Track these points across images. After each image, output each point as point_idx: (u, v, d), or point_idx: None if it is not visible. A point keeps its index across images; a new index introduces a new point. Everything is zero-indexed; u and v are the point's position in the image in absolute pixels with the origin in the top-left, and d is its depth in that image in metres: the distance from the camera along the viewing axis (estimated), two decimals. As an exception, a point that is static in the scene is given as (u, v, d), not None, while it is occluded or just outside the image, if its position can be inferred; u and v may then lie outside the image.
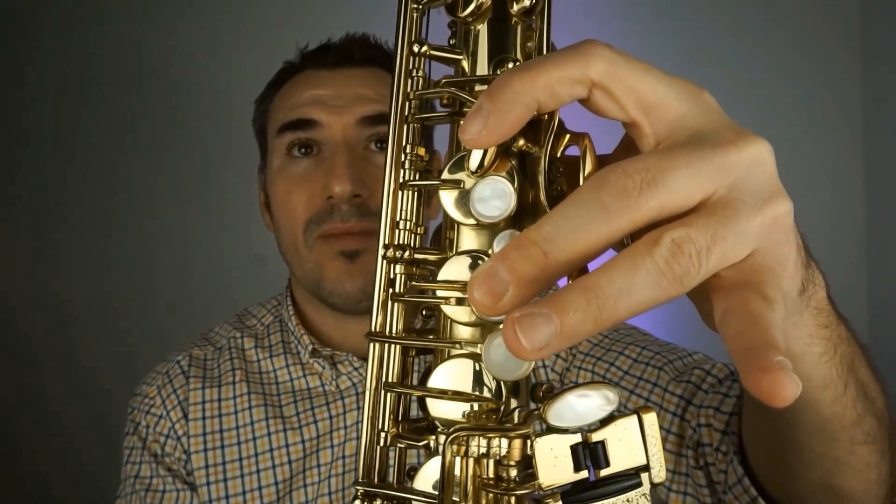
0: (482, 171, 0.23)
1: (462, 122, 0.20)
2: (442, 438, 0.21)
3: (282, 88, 0.62)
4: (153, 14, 1.24)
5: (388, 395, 0.24)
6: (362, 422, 0.24)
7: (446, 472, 0.21)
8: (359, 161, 0.57)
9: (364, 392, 0.24)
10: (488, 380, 0.23)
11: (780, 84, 1.27)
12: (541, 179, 0.24)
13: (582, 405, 0.21)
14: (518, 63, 0.24)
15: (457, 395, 0.22)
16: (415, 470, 0.24)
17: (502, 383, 0.23)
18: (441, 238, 0.26)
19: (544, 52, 0.25)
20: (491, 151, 0.23)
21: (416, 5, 0.26)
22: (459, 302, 0.23)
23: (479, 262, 0.23)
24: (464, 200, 0.24)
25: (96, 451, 1.12)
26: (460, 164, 0.24)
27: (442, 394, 0.22)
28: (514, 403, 0.24)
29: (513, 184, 0.23)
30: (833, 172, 1.28)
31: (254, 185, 0.71)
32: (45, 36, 1.23)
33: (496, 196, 0.23)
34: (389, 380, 0.24)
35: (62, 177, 1.24)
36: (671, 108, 0.21)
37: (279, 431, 0.58)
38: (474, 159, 0.23)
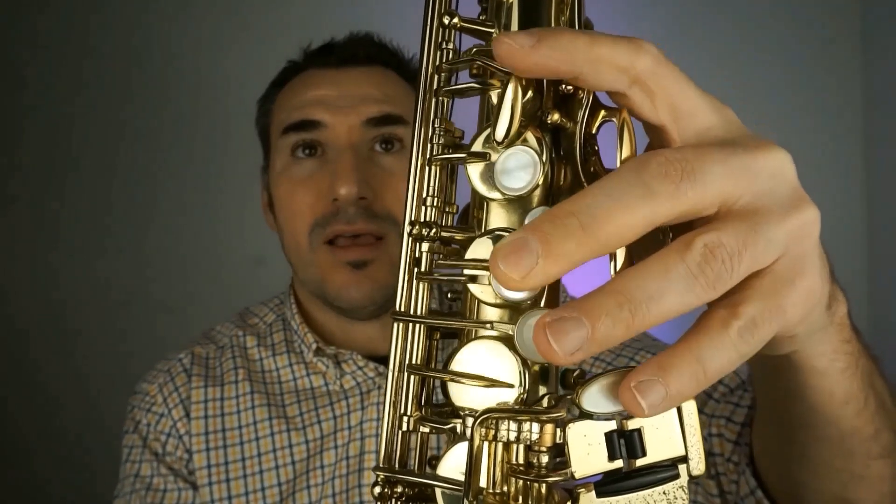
0: (508, 142, 0.22)
1: (504, 34, 0.20)
2: (469, 422, 0.20)
3: (285, 88, 0.62)
4: (152, 12, 1.24)
5: (412, 377, 0.23)
6: (384, 405, 0.23)
7: (474, 456, 0.19)
8: (364, 163, 0.56)
9: (387, 374, 0.23)
10: (516, 363, 0.22)
11: (780, 84, 1.26)
12: (577, 156, 0.23)
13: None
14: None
15: (484, 380, 0.21)
16: (437, 458, 0.23)
17: (531, 368, 0.22)
18: (469, 217, 0.25)
19: (576, 26, 0.24)
20: (517, 121, 0.22)
21: (447, -24, 0.25)
22: (487, 281, 0.22)
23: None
24: (489, 174, 0.23)
25: (94, 451, 1.10)
26: (488, 138, 0.23)
27: (469, 378, 0.21)
28: (542, 390, 0.23)
29: (540, 155, 0.22)
30: (833, 172, 1.27)
31: (253, 185, 0.70)
32: (43, 35, 1.22)
33: (521, 167, 0.22)
34: (413, 362, 0.23)
35: (60, 177, 1.23)
36: (700, 117, 0.22)
37: (282, 432, 0.57)
38: (500, 130, 0.22)
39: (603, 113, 0.24)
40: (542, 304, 0.22)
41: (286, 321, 0.64)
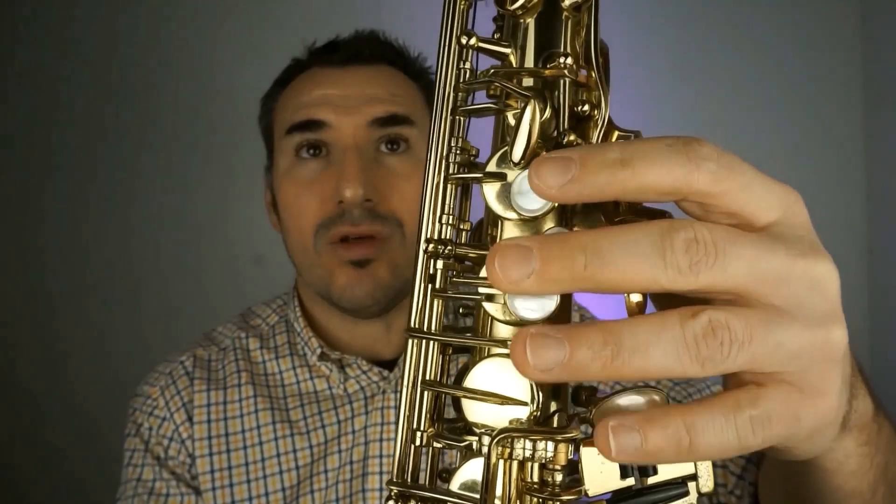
0: (525, 163, 0.23)
1: (540, 160, 0.19)
2: (486, 440, 0.20)
3: (288, 87, 0.61)
4: (152, 9, 1.23)
5: (426, 393, 0.23)
6: (398, 420, 0.24)
7: (490, 474, 0.20)
8: (369, 164, 0.56)
9: (401, 389, 0.24)
10: (529, 381, 0.22)
11: (781, 84, 1.26)
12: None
13: (632, 410, 0.21)
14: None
15: (498, 398, 0.22)
16: (448, 472, 0.23)
17: (543, 386, 0.22)
18: (483, 234, 0.25)
19: (592, 50, 0.25)
20: (534, 142, 0.22)
21: (465, -3, 0.25)
22: (502, 301, 0.22)
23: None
24: (505, 194, 0.23)
25: (89, 455, 1.10)
26: (504, 157, 0.23)
27: (483, 395, 0.22)
28: (553, 406, 0.23)
29: None
30: (833, 172, 1.27)
31: (253, 184, 0.69)
32: (38, 35, 1.21)
33: None
34: (427, 378, 0.23)
35: (56, 177, 1.22)
36: (762, 216, 0.20)
37: (286, 436, 0.57)
38: (517, 151, 0.23)
39: (617, 133, 0.24)
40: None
41: (289, 323, 0.64)
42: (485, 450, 0.20)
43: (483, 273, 0.23)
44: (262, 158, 0.66)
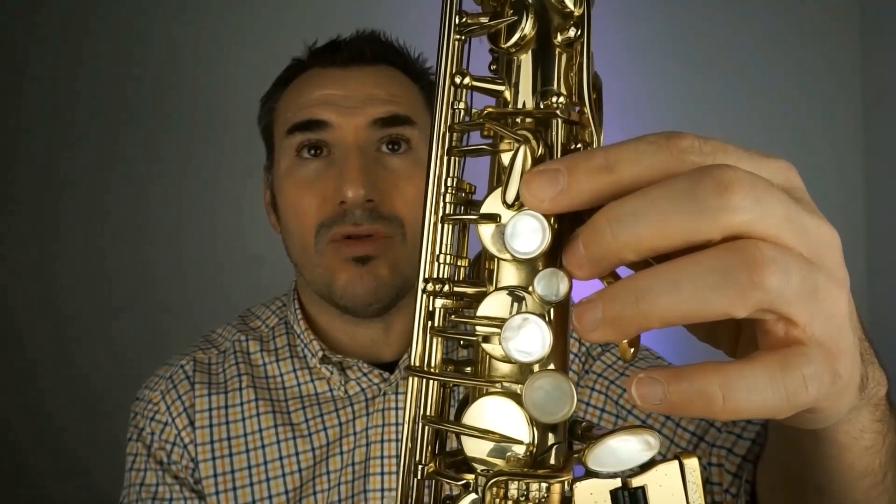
0: (518, 204, 0.23)
1: (530, 175, 0.21)
2: (482, 480, 0.21)
3: (289, 87, 0.61)
4: (150, 11, 1.23)
5: (427, 428, 0.24)
6: (399, 453, 0.24)
7: (486, 514, 0.21)
8: (371, 164, 0.56)
9: (403, 424, 0.24)
10: (525, 420, 0.23)
11: (781, 83, 1.27)
12: (583, 213, 0.24)
13: (623, 450, 0.21)
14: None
15: (494, 437, 0.22)
16: (451, 499, 0.24)
17: (539, 424, 0.23)
18: (481, 268, 0.26)
19: (585, 87, 0.25)
20: None
21: (458, 36, 0.25)
22: (498, 341, 0.23)
23: (519, 297, 0.23)
24: (500, 234, 0.23)
25: (94, 453, 1.11)
26: (497, 198, 0.24)
27: (480, 433, 0.22)
28: (551, 439, 0.24)
29: (548, 218, 0.23)
30: (833, 172, 1.28)
31: (253, 184, 0.70)
32: (42, 35, 1.22)
33: (530, 231, 0.23)
34: (427, 413, 0.24)
35: (60, 178, 1.23)
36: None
37: (288, 439, 0.58)
38: (510, 193, 0.23)
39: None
40: (550, 366, 0.23)
41: (289, 325, 0.64)
42: (480, 490, 0.21)
43: (481, 311, 0.24)
44: (261, 158, 0.66)
